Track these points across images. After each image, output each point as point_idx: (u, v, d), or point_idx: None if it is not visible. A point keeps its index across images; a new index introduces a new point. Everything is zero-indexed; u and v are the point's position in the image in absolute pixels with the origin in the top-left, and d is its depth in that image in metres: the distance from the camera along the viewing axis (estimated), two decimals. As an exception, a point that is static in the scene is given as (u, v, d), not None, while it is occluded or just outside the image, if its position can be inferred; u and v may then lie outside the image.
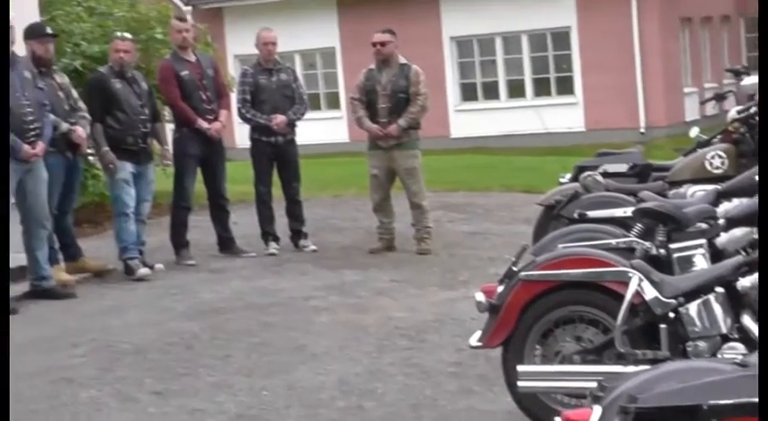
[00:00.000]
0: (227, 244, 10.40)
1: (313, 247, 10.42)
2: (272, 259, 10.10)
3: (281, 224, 10.61)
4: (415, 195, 10.13)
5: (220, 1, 24.28)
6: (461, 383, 6.09)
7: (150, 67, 12.04)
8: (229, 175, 10.54)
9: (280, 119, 10.21)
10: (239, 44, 22.39)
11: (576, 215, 7.44)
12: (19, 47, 8.73)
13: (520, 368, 5.09)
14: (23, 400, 6.10)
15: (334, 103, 24.05)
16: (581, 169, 8.61)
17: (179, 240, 10.16)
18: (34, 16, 10.17)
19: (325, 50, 23.93)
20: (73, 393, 6.20)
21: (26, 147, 8.35)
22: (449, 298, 8.17)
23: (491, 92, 23.35)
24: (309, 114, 10.76)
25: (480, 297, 5.26)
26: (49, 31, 9.25)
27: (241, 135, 17.37)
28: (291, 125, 10.39)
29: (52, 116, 8.78)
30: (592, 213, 7.40)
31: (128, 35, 9.91)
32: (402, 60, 10.14)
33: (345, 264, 9.73)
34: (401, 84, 10.01)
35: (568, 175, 8.91)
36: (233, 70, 19.41)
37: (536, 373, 5.11)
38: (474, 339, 5.35)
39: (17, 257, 8.88)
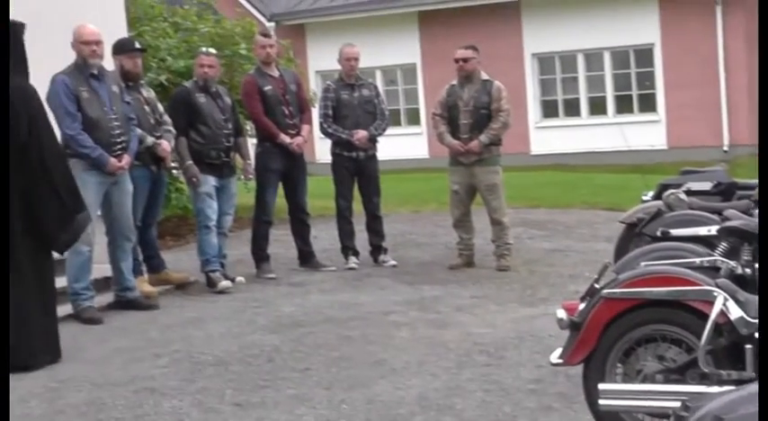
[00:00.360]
0: (307, 258, 10.47)
1: (393, 262, 10.45)
2: (351, 273, 10.15)
3: (361, 239, 10.66)
4: (496, 211, 10.10)
5: (303, 17, 24.46)
6: (541, 401, 6.05)
7: (234, 82, 12.19)
8: (310, 190, 10.59)
9: (361, 134, 10.27)
10: (321, 60, 22.60)
11: (659, 233, 7.37)
12: (107, 62, 8.88)
13: (601, 386, 5.04)
14: (106, 409, 6.18)
15: (414, 118, 24.08)
16: (664, 187, 8.54)
17: (260, 254, 10.25)
18: (122, 32, 10.36)
19: (406, 66, 23.98)
20: (155, 403, 6.26)
21: (113, 160, 8.48)
22: (528, 314, 8.14)
23: (572, 109, 23.20)
24: (390, 130, 10.79)
25: (562, 314, 5.22)
26: (137, 45, 9.40)
27: (322, 150, 17.51)
28: (373, 140, 10.44)
29: (138, 130, 8.91)
30: (675, 231, 7.32)
31: (212, 50, 10.04)
32: (484, 76, 10.14)
33: (425, 279, 9.73)
34: (483, 100, 10.01)
35: (651, 193, 8.84)
36: (315, 86, 19.54)
37: (618, 392, 5.06)
38: (554, 356, 5.31)
39: (102, 268, 9.04)
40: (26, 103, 7.23)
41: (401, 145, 21.64)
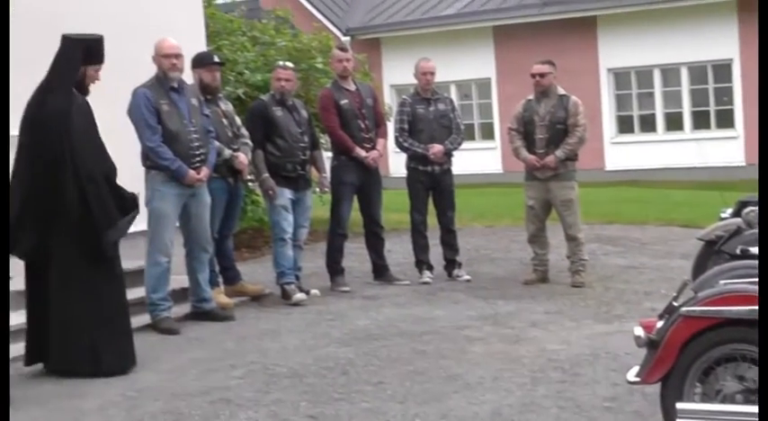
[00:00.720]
0: (381, 271, 10.50)
1: (467, 277, 10.44)
2: (425, 288, 10.15)
3: (435, 253, 10.66)
4: (571, 227, 10.05)
5: (378, 32, 24.57)
6: (617, 419, 6.00)
7: (310, 96, 12.28)
8: (384, 203, 10.62)
9: (437, 148, 10.28)
10: (396, 74, 22.69)
11: (738, 251, 7.25)
12: (186, 75, 8.98)
13: (679, 406, 4.98)
14: (183, 419, 6.24)
15: (488, 133, 24.05)
16: (744, 204, 8.40)
17: (334, 267, 10.30)
18: (201, 46, 10.49)
19: (480, 81, 23.97)
20: (231, 413, 6.31)
21: (191, 172, 8.57)
22: (603, 331, 8.07)
23: (648, 124, 23.00)
24: (464, 144, 10.78)
25: (639, 331, 5.17)
26: (216, 59, 9.50)
27: (395, 164, 17.57)
28: (448, 155, 10.45)
29: (216, 142, 9.00)
30: (755, 249, 7.22)
31: (289, 64, 10.10)
32: (561, 91, 10.10)
33: (499, 294, 9.71)
34: (559, 115, 9.97)
35: (730, 210, 8.72)
36: (389, 100, 19.60)
37: (696, 412, 4.99)
38: (631, 374, 5.27)
39: (179, 279, 9.14)
40: (62, 120, 7.26)
41: (475, 159, 21.62)
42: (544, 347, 7.61)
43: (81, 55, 7.43)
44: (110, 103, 8.86)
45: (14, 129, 7.32)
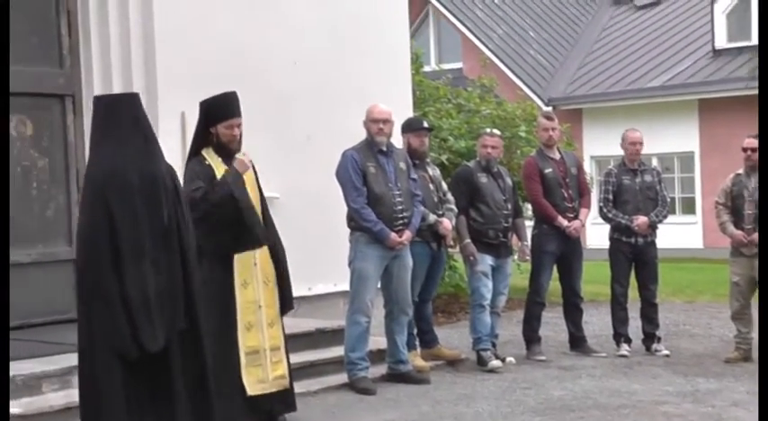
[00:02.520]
0: (578, 342, 10.40)
1: (666, 352, 10.24)
2: (622, 361, 9.99)
3: (633, 326, 10.50)
4: (777, 306, 9.74)
5: (580, 102, 24.49)
6: None
7: (512, 164, 12.35)
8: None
9: (641, 220, 10.16)
10: (597, 145, 22.56)
11: None
12: (395, 140, 9.17)
13: None
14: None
15: (689, 207, 23.59)
16: None
17: (531, 335, 10.25)
18: (408, 111, 10.74)
19: (683, 154, 23.58)
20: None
21: (393, 235, 8.68)
22: (811, 416, 7.77)
23: None
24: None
25: None
26: (425, 125, 9.67)
27: (593, 234, 17.40)
28: (653, 227, 10.31)
29: (422, 207, 9.10)
30: None
31: (496, 131, 10.18)
32: (773, 166, 9.86)
33: (699, 371, 9.47)
34: (770, 190, 9.73)
35: None
36: (590, 170, 19.48)
37: None
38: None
39: (377, 340, 9.26)
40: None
41: (675, 233, 21.20)
42: (747, 428, 7.38)
43: (203, 117, 7.47)
44: (323, 167, 9.18)
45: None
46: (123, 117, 5.52)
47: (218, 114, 7.43)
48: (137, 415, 5.37)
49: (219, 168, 7.40)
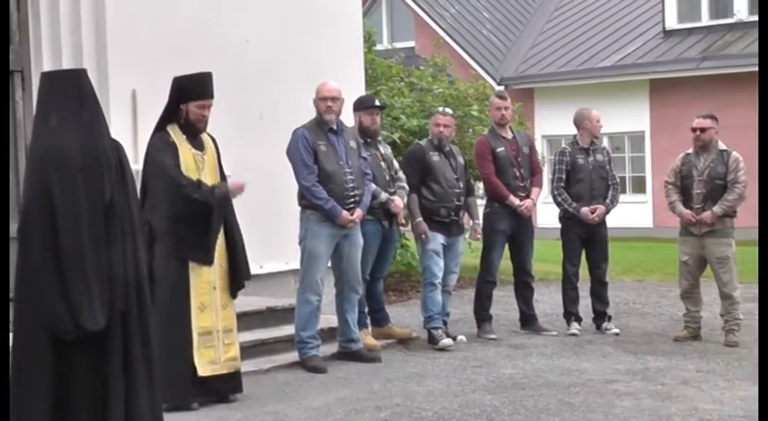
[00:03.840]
0: (529, 321, 10.44)
1: (615, 330, 10.32)
2: (573, 339, 10.06)
3: (583, 305, 10.56)
4: (726, 285, 9.83)
5: (532, 82, 24.53)
6: (771, 483, 5.83)
7: (464, 143, 12.35)
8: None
9: (600, 210, 10.23)
10: (548, 125, 22.62)
11: None
12: (346, 117, 9.14)
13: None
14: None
15: (639, 187, 23.73)
16: None
17: (482, 314, 10.29)
18: (360, 90, 10.70)
19: (633, 134, 23.70)
20: (376, 454, 6.35)
21: (345, 213, 8.67)
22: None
23: (807, 184, 22.38)
24: (612, 198, 10.67)
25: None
26: (377, 103, 9.63)
27: (544, 213, 17.47)
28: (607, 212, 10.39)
29: (373, 185, 9.09)
30: None
31: (449, 110, 10.18)
32: (722, 146, 9.93)
33: (649, 349, 9.55)
34: (719, 170, 9.79)
35: None
36: (541, 150, 19.53)
37: None
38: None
39: (328, 319, 9.26)
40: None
41: (625, 213, 21.31)
42: (696, 406, 7.44)
43: (176, 93, 7.51)
44: (274, 145, 9.13)
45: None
46: (68, 93, 5.41)
47: (192, 93, 7.47)
48: (68, 399, 5.24)
49: (182, 145, 7.46)
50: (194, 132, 7.53)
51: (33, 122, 5.57)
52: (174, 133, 7.48)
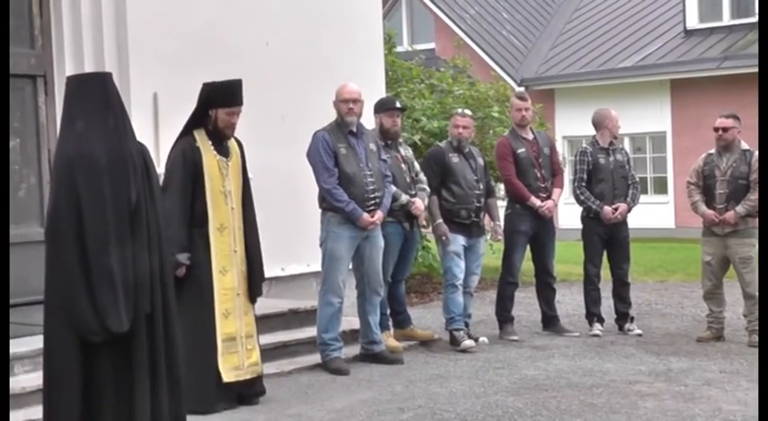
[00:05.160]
0: (551, 322, 10.43)
1: (638, 331, 10.29)
2: (595, 340, 10.03)
3: (605, 305, 10.54)
4: (749, 285, 9.78)
5: (553, 83, 24.49)
6: (796, 484, 5.81)
7: (484, 144, 12.35)
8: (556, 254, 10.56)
9: (623, 208, 10.20)
10: (569, 125, 22.56)
11: None
12: (367, 120, 9.14)
13: None
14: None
15: (661, 187, 23.66)
16: None
17: (504, 315, 10.28)
18: (381, 92, 10.70)
19: (655, 134, 23.63)
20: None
21: (365, 215, 8.67)
22: (783, 394, 7.82)
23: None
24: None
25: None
26: (397, 104, 9.62)
27: (565, 215, 17.44)
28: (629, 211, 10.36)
29: (394, 187, 9.09)
30: None
31: (468, 112, 10.15)
32: (744, 146, 9.90)
33: (671, 350, 9.52)
34: (742, 170, 9.76)
35: None
36: (561, 150, 19.49)
37: None
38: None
39: (350, 321, 9.26)
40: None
41: (647, 213, 21.26)
42: (719, 407, 7.41)
43: (205, 98, 7.53)
44: (295, 147, 9.14)
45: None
46: (94, 96, 5.45)
47: (222, 99, 7.51)
48: (96, 400, 5.29)
49: (207, 151, 7.49)
50: (221, 138, 7.57)
51: (60, 126, 5.61)
52: (200, 138, 7.51)
